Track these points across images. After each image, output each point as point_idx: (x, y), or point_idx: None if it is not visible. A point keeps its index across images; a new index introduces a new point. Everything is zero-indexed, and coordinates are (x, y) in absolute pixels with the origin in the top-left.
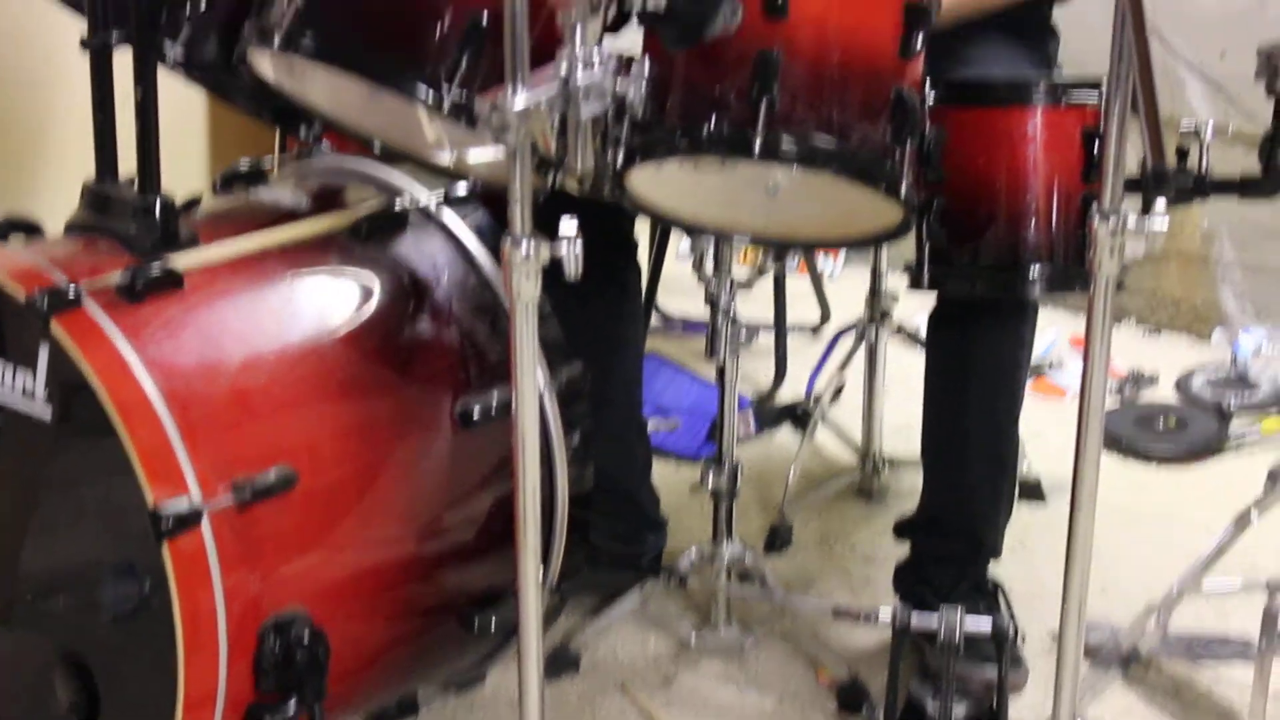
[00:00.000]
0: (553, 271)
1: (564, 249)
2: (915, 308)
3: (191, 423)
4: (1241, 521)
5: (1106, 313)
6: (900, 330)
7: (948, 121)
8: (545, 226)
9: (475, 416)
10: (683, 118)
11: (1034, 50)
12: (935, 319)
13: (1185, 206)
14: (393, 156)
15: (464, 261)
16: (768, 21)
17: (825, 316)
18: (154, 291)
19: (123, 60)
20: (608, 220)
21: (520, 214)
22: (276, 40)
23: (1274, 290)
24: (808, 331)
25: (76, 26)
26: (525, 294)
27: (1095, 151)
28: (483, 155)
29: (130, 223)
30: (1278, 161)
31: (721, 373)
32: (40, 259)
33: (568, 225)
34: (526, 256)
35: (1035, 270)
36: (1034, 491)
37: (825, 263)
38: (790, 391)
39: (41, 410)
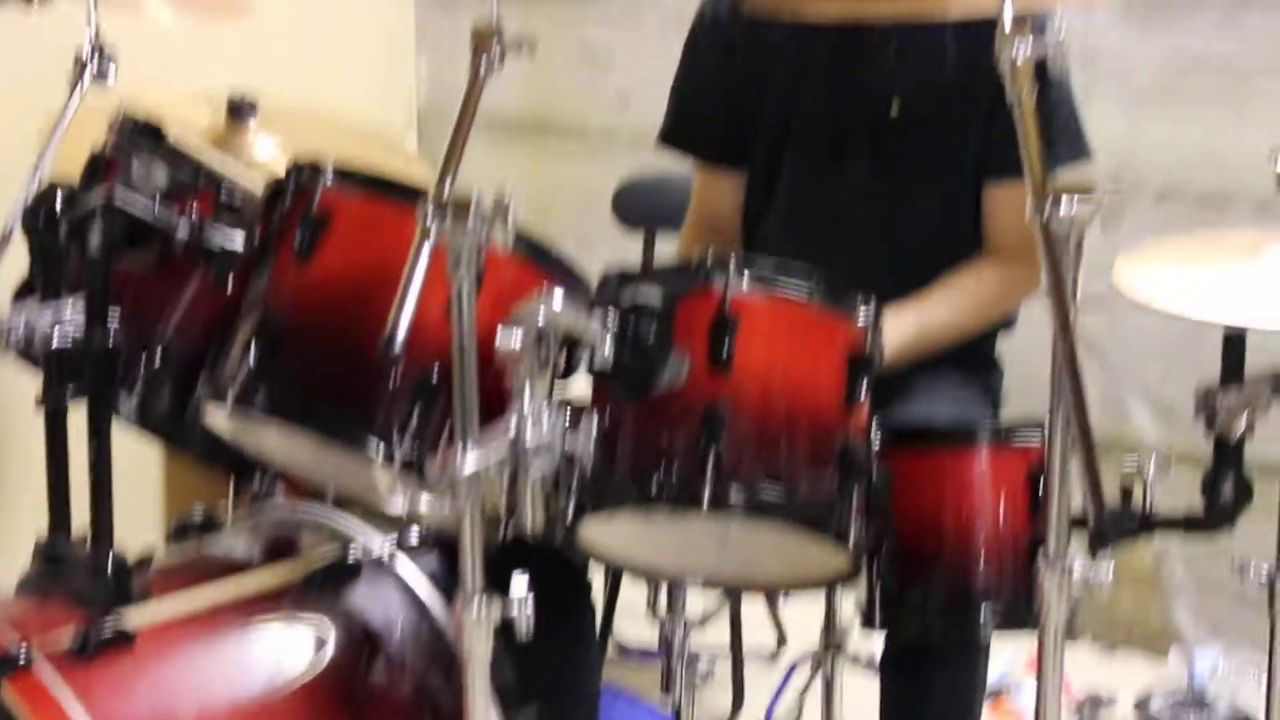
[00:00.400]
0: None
1: (515, 609)
2: (872, 636)
3: None
4: None
5: (1058, 652)
6: (856, 660)
7: (894, 464)
8: (499, 573)
9: None
10: (632, 470)
11: (978, 386)
12: (887, 658)
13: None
14: (345, 502)
15: (417, 611)
16: (713, 376)
17: (782, 641)
18: (105, 650)
19: (77, 412)
20: (561, 563)
21: (472, 572)
22: (230, 397)
23: (1227, 608)
24: (765, 658)
25: (32, 382)
26: (477, 654)
27: (1040, 494)
28: (435, 505)
29: (82, 580)
30: (1220, 499)
31: (678, 714)
32: None
33: (519, 584)
34: (478, 617)
35: (986, 610)
36: None
37: None
38: None
39: None
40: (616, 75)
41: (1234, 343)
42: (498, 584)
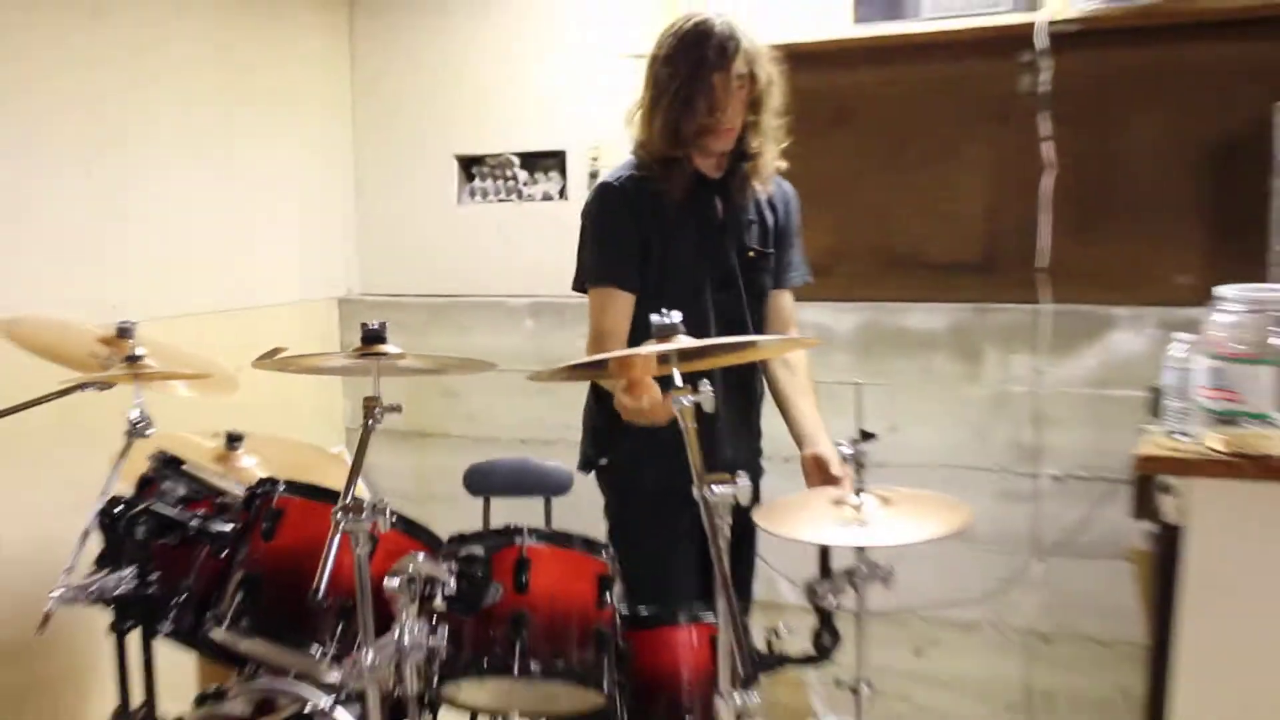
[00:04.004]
0: None
1: None
2: None
3: None
4: None
5: None
6: None
7: (631, 638)
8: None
9: None
10: (472, 654)
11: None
12: None
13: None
14: (302, 677)
15: None
16: (517, 596)
17: None
18: None
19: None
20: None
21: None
22: (225, 623)
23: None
24: None
25: (103, 618)
26: None
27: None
28: (351, 680)
29: None
30: (824, 643)
31: None
32: None
33: None
34: None
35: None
36: None
37: None
38: None
39: None
40: (464, 403)
41: (825, 551)
42: None
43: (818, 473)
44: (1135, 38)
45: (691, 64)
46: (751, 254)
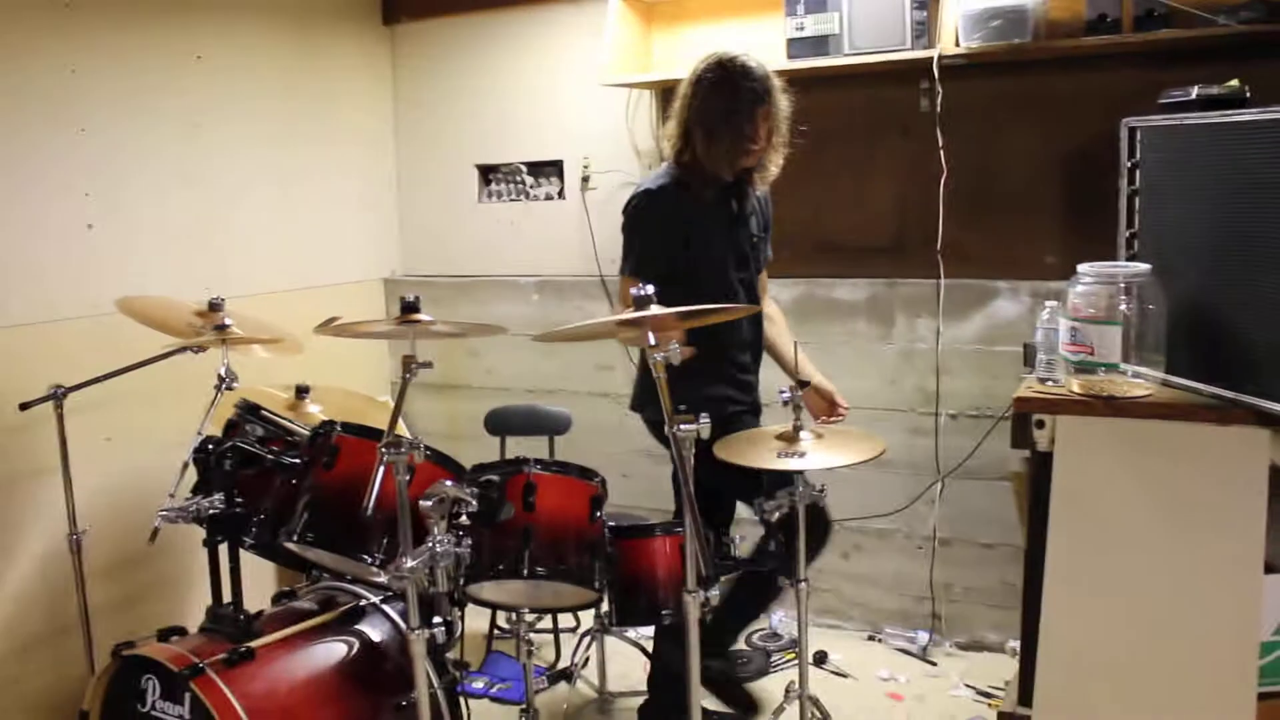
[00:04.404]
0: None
1: (437, 634)
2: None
3: None
4: None
5: (695, 631)
6: (613, 634)
7: (619, 545)
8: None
9: (404, 704)
10: (491, 559)
11: None
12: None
13: None
14: (357, 580)
15: (394, 630)
16: (525, 514)
17: (577, 626)
18: (241, 662)
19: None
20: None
21: (414, 613)
22: (296, 536)
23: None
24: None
25: (199, 533)
26: (419, 651)
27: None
28: (396, 582)
29: (228, 627)
30: (770, 550)
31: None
32: (185, 649)
33: (437, 621)
34: (418, 635)
35: (666, 613)
36: None
37: None
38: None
39: None
40: (484, 360)
41: (772, 476)
42: (427, 618)
43: (823, 403)
44: (1010, 69)
45: (744, 100)
46: (755, 239)
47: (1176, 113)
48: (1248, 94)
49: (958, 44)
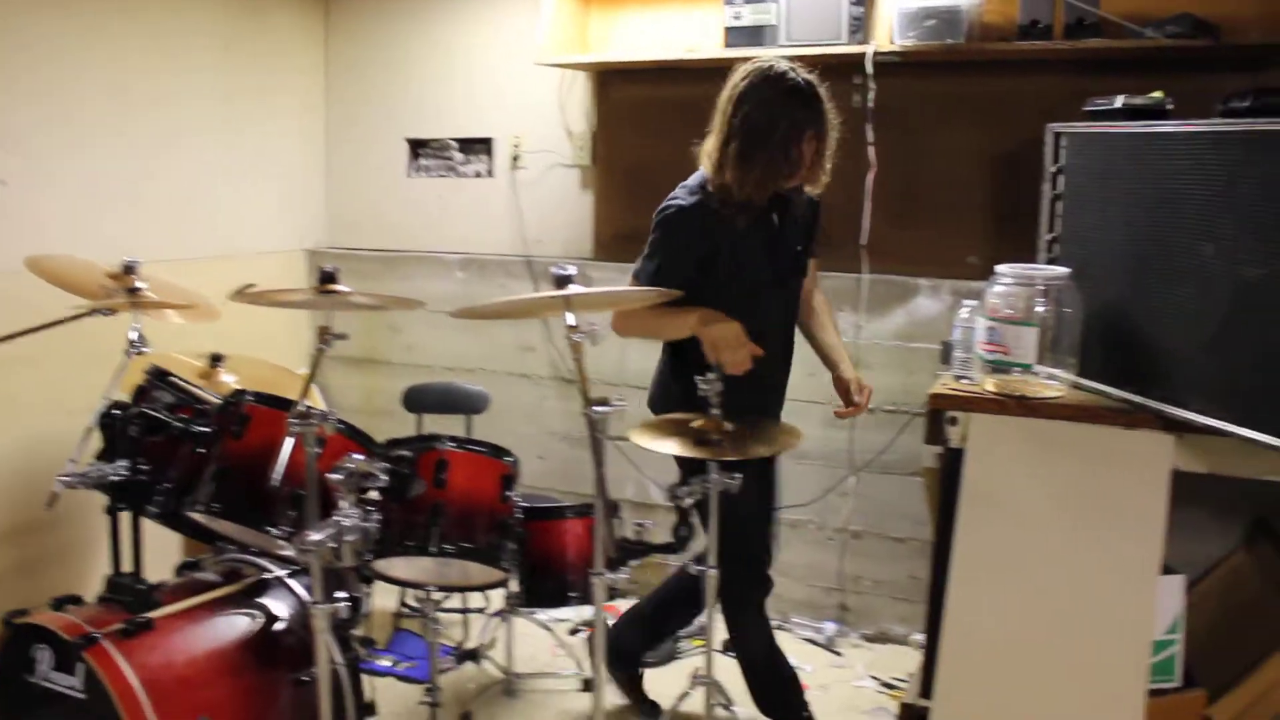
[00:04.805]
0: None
1: (342, 609)
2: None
3: (157, 698)
4: None
5: (602, 607)
6: (521, 615)
7: (529, 526)
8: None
9: (305, 679)
10: (399, 535)
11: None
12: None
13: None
14: (262, 553)
15: (299, 604)
16: (435, 490)
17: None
18: (138, 632)
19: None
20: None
21: (319, 588)
22: (203, 506)
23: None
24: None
25: (100, 500)
26: (322, 625)
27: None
28: (301, 555)
29: (126, 595)
30: (681, 536)
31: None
32: (80, 618)
33: (340, 597)
34: (322, 609)
35: (575, 594)
36: None
37: None
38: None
39: (78, 695)
40: (405, 336)
41: (685, 461)
42: (332, 593)
43: (843, 394)
44: (941, 69)
45: (790, 121)
46: (799, 249)
47: (1101, 120)
48: (1170, 106)
49: (892, 41)
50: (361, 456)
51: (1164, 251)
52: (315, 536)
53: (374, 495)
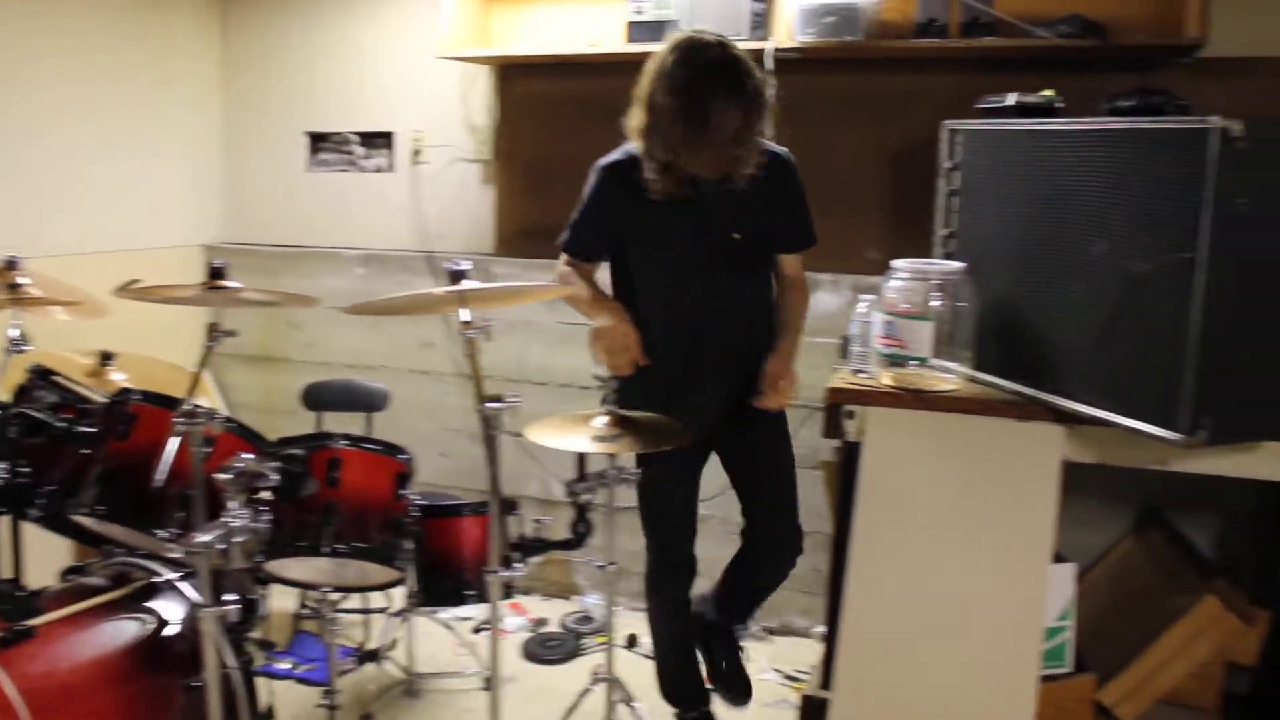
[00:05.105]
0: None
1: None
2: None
3: (38, 709)
4: None
5: (498, 603)
6: (422, 614)
7: (425, 524)
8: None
9: (196, 685)
10: (291, 536)
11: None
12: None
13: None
14: (152, 556)
15: (189, 606)
16: (328, 489)
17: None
18: (18, 641)
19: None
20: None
21: (207, 591)
22: (87, 509)
23: (597, 577)
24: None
25: None
26: (211, 628)
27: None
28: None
29: (8, 604)
30: (579, 532)
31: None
32: None
33: (229, 599)
34: (211, 612)
35: (472, 592)
36: None
37: None
38: None
39: None
40: (304, 333)
41: (582, 458)
42: (219, 596)
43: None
44: (841, 66)
45: (693, 97)
46: (737, 236)
47: (994, 118)
48: (1060, 104)
49: (793, 38)
50: (251, 456)
51: (1055, 247)
52: (202, 538)
53: (265, 495)
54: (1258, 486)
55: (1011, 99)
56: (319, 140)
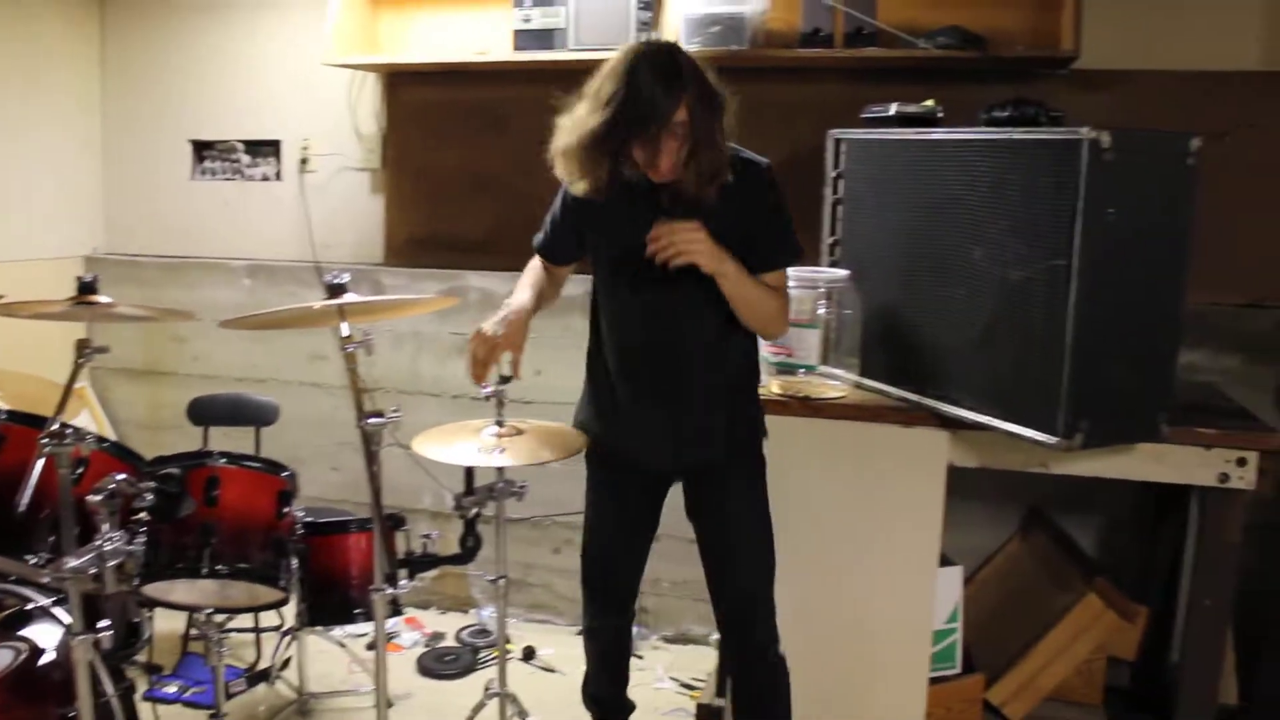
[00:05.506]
0: None
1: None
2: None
3: None
4: None
5: (383, 620)
6: (313, 632)
7: (310, 541)
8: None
9: (72, 715)
10: (169, 558)
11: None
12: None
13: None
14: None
15: (64, 631)
16: (206, 509)
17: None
18: None
19: None
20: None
21: (78, 618)
22: None
23: (490, 590)
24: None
25: None
26: (83, 655)
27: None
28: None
29: None
30: (468, 546)
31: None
32: None
33: (103, 625)
34: (82, 638)
35: (361, 608)
36: None
37: None
38: None
39: None
40: (190, 346)
41: (470, 472)
42: (91, 621)
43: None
44: (727, 75)
45: (621, 109)
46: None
47: (876, 127)
48: (940, 114)
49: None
50: (125, 476)
51: (937, 254)
52: (73, 563)
53: (141, 516)
54: (1136, 486)
55: (893, 109)
56: (203, 148)
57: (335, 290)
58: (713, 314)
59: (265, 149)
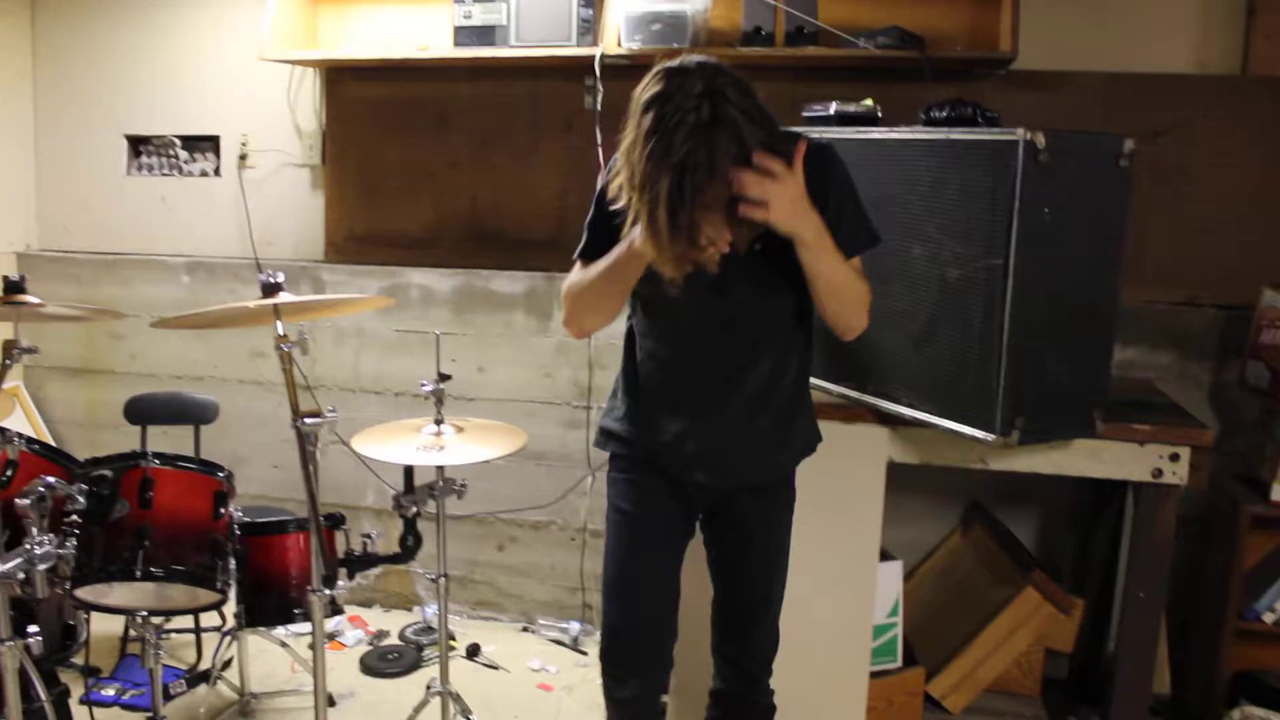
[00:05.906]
0: None
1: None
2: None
3: None
4: None
5: (322, 622)
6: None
7: (249, 542)
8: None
9: None
10: (101, 560)
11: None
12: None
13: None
14: None
15: None
16: (141, 511)
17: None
18: None
19: None
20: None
21: (5, 624)
22: None
23: (430, 588)
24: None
25: None
26: (8, 665)
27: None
28: None
29: None
30: (408, 546)
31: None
32: None
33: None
34: (9, 651)
35: (301, 609)
36: None
37: None
38: None
39: None
40: (128, 345)
41: (409, 470)
42: (21, 626)
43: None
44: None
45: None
46: (758, 246)
47: (816, 126)
48: (879, 113)
49: (620, 45)
50: (55, 479)
51: (876, 253)
52: (1, 567)
53: (73, 519)
54: (1074, 481)
55: (832, 108)
56: (139, 143)
57: (270, 289)
58: (772, 315)
59: (203, 144)
